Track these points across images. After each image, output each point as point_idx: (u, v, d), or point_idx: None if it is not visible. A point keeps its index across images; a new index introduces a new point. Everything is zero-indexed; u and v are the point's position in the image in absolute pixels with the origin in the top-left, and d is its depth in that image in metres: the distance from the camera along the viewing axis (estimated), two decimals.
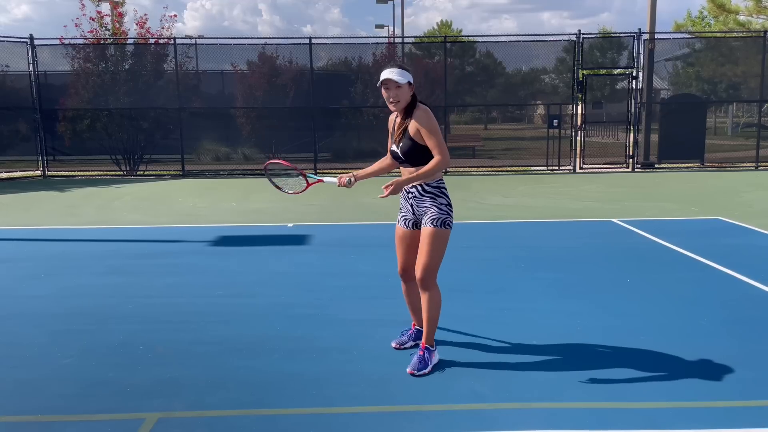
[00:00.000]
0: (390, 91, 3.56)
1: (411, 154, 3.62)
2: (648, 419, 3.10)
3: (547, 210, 9.47)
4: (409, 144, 3.61)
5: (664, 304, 4.88)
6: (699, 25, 32.46)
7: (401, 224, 3.83)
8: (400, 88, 3.54)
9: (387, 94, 3.58)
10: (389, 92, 3.57)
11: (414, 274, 3.74)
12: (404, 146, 3.63)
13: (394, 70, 3.55)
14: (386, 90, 3.57)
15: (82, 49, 14.79)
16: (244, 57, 15.84)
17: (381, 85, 3.58)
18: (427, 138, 3.56)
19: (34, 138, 14.93)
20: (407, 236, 3.81)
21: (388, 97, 3.59)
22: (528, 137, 21.19)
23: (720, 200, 10.26)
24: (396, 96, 3.56)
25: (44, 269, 6.11)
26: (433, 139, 3.55)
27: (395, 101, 3.58)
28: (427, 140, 3.57)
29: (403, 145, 3.64)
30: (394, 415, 3.18)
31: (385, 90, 3.58)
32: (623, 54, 16.72)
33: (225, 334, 4.31)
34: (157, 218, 9.14)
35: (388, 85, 3.55)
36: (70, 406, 3.30)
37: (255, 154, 16.28)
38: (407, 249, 3.82)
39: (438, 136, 3.55)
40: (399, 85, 3.53)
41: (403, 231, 3.82)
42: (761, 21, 24.19)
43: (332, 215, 9.17)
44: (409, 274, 3.85)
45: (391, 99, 3.58)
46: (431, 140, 3.56)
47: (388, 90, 3.56)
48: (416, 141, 3.59)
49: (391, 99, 3.58)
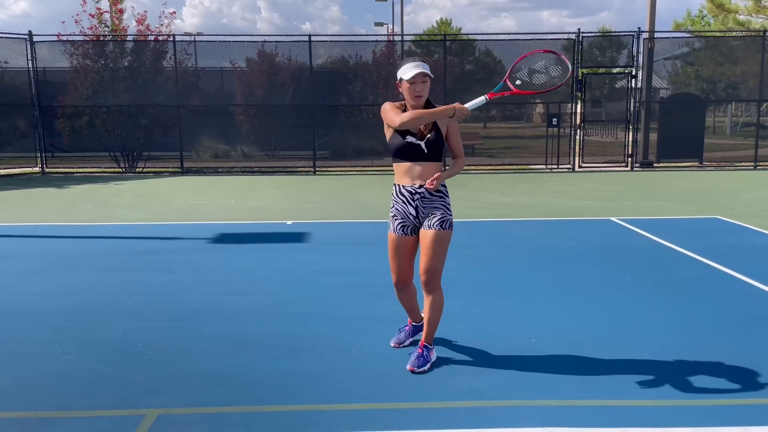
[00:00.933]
0: (416, 85, 3.41)
1: (436, 147, 3.51)
2: (646, 417, 3.11)
3: (545, 209, 9.48)
4: (436, 137, 3.50)
5: (663, 302, 4.89)
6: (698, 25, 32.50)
7: (398, 232, 3.63)
8: (426, 83, 3.43)
9: (413, 88, 3.41)
10: (416, 86, 3.40)
11: (410, 281, 3.72)
12: (431, 139, 3.48)
13: (420, 63, 3.40)
14: (412, 84, 3.41)
15: (81, 45, 14.77)
16: (243, 54, 15.82)
17: (408, 80, 3.40)
18: (455, 136, 3.57)
19: (33, 135, 14.90)
20: (406, 244, 3.64)
21: (413, 91, 3.42)
22: (527, 136, 21.21)
23: (718, 199, 10.27)
24: (422, 90, 3.42)
25: (43, 266, 6.11)
26: (459, 139, 3.59)
27: (420, 95, 3.43)
28: (455, 138, 3.57)
29: (430, 138, 3.48)
30: (394, 412, 3.18)
31: (411, 84, 3.41)
32: (622, 53, 16.75)
33: (224, 332, 4.32)
34: (155, 215, 9.14)
35: (415, 80, 3.39)
36: (70, 402, 3.30)
37: (254, 151, 16.28)
38: (406, 258, 3.67)
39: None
40: (426, 79, 3.42)
41: (401, 239, 3.63)
42: (761, 20, 24.20)
43: (331, 213, 9.17)
44: (406, 282, 3.75)
45: (418, 93, 3.43)
46: (458, 139, 3.58)
47: (415, 84, 3.40)
48: (442, 136, 3.54)
49: (417, 93, 3.43)
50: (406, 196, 3.57)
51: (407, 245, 3.65)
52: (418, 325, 4.02)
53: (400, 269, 3.71)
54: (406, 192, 3.56)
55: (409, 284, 3.77)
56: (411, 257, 3.69)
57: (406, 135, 3.50)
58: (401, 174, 3.58)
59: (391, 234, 3.68)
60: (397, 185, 3.62)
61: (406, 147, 3.51)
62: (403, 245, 3.65)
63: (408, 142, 3.50)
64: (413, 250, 3.68)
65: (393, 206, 3.65)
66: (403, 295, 3.86)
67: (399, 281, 3.75)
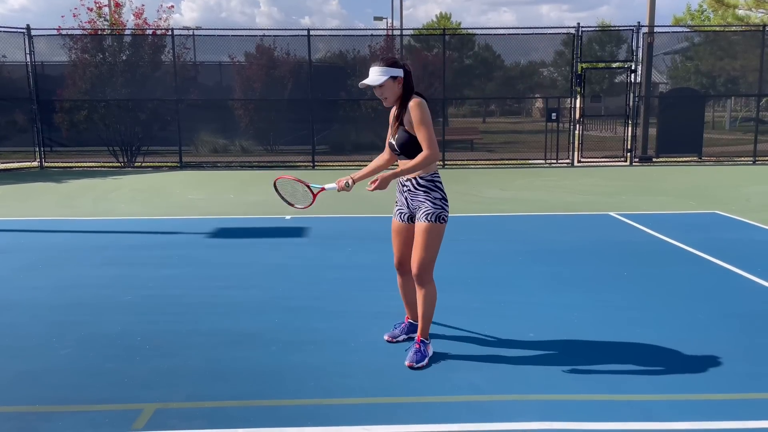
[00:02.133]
0: (376, 90, 3.60)
1: (406, 145, 3.60)
2: (644, 411, 3.11)
3: (544, 203, 9.48)
4: (404, 136, 3.60)
5: (661, 297, 4.90)
6: (698, 19, 32.44)
7: (397, 218, 3.83)
8: (382, 87, 3.57)
9: (376, 93, 3.64)
10: (376, 92, 3.62)
11: (410, 267, 3.75)
12: (399, 138, 3.63)
13: (374, 69, 3.58)
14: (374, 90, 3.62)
15: (80, 39, 14.72)
16: (242, 49, 15.78)
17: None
18: (417, 130, 3.54)
19: (31, 129, 14.87)
20: (403, 230, 3.82)
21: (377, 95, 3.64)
22: (526, 131, 21.20)
23: (717, 194, 10.28)
24: (381, 94, 3.60)
25: (41, 260, 6.10)
26: (422, 132, 3.52)
27: (383, 98, 3.62)
28: (417, 132, 3.54)
29: (398, 137, 3.64)
30: (392, 406, 3.19)
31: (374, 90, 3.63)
32: (622, 47, 16.69)
33: (223, 326, 4.32)
34: (154, 210, 9.13)
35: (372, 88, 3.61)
36: (68, 396, 3.31)
37: (253, 146, 16.26)
38: (403, 242, 3.83)
39: (428, 129, 3.51)
40: (380, 86, 3.56)
41: (399, 224, 3.83)
42: (760, 15, 24.17)
43: (330, 208, 9.16)
44: (405, 267, 3.85)
45: (379, 97, 3.63)
46: (420, 132, 3.53)
47: (375, 90, 3.61)
48: (410, 133, 3.58)
49: (379, 97, 3.63)
50: (399, 187, 3.79)
51: (402, 230, 3.82)
52: (415, 324, 4.03)
53: (398, 253, 3.89)
54: (399, 184, 3.78)
55: (408, 270, 3.82)
56: (408, 243, 3.80)
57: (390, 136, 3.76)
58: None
59: (392, 218, 3.90)
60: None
61: (390, 145, 3.78)
62: (400, 230, 3.84)
63: (390, 142, 3.77)
64: (410, 237, 3.78)
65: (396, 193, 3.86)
66: (404, 282, 3.95)
67: (396, 263, 3.91)
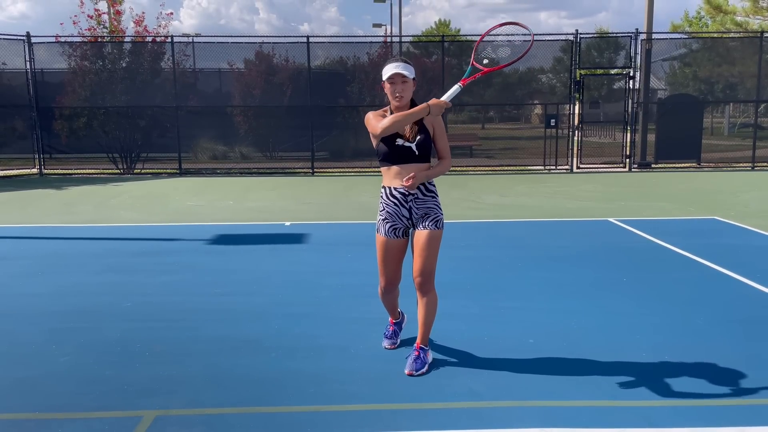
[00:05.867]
0: (396, 85, 3.46)
1: (426, 148, 3.52)
2: (644, 417, 3.11)
3: (543, 209, 9.48)
4: (425, 138, 3.52)
5: (661, 303, 4.90)
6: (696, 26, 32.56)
7: (390, 235, 3.60)
8: (406, 83, 3.46)
9: (393, 88, 3.47)
10: (395, 87, 3.46)
11: (399, 282, 3.72)
12: (421, 140, 3.51)
13: (401, 63, 3.45)
14: (392, 84, 3.46)
15: (79, 47, 14.76)
16: (241, 55, 15.81)
17: (387, 80, 3.47)
18: (441, 137, 3.57)
19: (31, 136, 14.89)
20: (397, 247, 3.63)
21: (393, 91, 3.47)
22: (525, 137, 21.19)
23: (716, 200, 10.29)
24: (402, 91, 3.46)
25: (41, 267, 6.10)
26: (445, 139, 3.57)
27: (400, 96, 3.48)
28: (440, 139, 3.57)
29: (420, 139, 3.51)
30: (392, 413, 3.18)
31: (391, 84, 3.46)
32: (620, 54, 16.72)
33: (222, 332, 4.31)
34: (153, 216, 9.13)
35: (394, 80, 3.45)
36: (68, 403, 3.30)
37: (252, 152, 16.26)
38: (396, 261, 3.66)
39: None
40: (406, 80, 3.45)
41: (394, 242, 3.61)
42: (758, 21, 24.26)
43: (329, 214, 9.17)
44: (396, 284, 3.76)
45: (397, 94, 3.47)
46: (444, 140, 3.58)
47: (394, 84, 3.46)
48: (430, 136, 3.55)
49: (396, 94, 3.47)
50: (398, 198, 3.56)
51: (398, 248, 3.65)
52: (398, 321, 4.07)
53: (390, 272, 3.70)
54: (399, 194, 3.56)
55: (397, 286, 3.79)
56: (401, 260, 3.70)
57: (396, 138, 3.52)
58: (392, 177, 3.57)
59: (380, 237, 3.66)
60: (387, 188, 3.61)
61: (397, 150, 3.51)
62: (394, 248, 3.64)
63: (398, 145, 3.51)
64: (403, 252, 3.69)
65: (383, 209, 3.63)
66: (389, 297, 3.87)
67: (388, 284, 3.74)
